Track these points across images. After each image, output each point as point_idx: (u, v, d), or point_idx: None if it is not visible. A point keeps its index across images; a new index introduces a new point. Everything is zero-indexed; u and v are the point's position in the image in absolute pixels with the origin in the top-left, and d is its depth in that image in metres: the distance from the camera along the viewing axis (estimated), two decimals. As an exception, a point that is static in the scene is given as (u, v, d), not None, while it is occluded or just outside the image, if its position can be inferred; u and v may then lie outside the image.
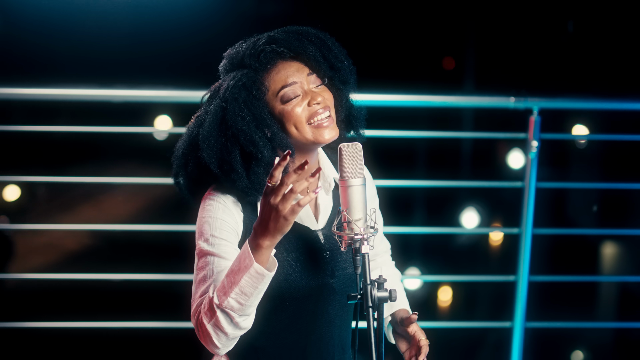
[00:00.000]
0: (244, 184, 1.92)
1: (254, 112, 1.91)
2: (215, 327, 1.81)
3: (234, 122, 1.90)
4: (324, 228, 2.03)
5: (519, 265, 3.55)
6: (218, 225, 1.93)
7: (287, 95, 1.92)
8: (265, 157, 1.91)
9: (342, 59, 2.00)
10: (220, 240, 1.92)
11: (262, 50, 1.93)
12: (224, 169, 1.92)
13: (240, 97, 1.91)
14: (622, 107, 3.93)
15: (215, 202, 1.95)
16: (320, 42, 1.97)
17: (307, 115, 1.93)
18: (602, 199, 7.04)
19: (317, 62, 1.95)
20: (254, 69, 1.93)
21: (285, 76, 1.93)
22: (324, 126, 1.93)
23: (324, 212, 2.04)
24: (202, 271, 1.91)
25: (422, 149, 7.52)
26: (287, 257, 1.96)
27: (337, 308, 2.03)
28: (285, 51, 1.93)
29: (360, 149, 1.84)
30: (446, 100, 3.89)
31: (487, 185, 3.96)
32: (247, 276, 1.77)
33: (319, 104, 1.93)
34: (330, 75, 1.99)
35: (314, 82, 1.96)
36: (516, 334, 3.59)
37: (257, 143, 1.90)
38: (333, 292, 2.01)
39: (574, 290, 6.02)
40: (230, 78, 1.94)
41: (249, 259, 1.77)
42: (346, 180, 1.82)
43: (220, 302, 1.79)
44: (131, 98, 3.54)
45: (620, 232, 6.12)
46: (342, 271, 2.02)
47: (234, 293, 1.77)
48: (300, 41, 1.95)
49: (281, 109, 1.93)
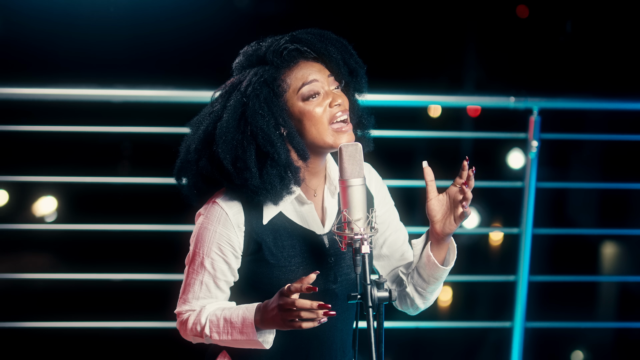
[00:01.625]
0: (255, 184, 1.91)
1: (274, 110, 1.91)
2: (197, 339, 2.01)
3: (253, 119, 1.90)
4: (329, 232, 2.02)
5: (519, 265, 3.55)
6: (216, 239, 1.95)
7: (308, 93, 1.92)
8: (281, 159, 1.91)
9: (361, 64, 2.02)
10: (215, 255, 1.95)
11: (285, 47, 1.93)
12: (237, 167, 1.91)
13: (261, 94, 1.91)
14: (622, 107, 3.93)
15: (218, 213, 1.95)
16: (342, 47, 1.99)
17: (329, 117, 1.93)
18: (602, 199, 7.04)
19: (337, 65, 1.97)
20: (275, 66, 1.93)
21: (307, 74, 1.93)
22: (343, 130, 1.93)
23: (330, 216, 2.03)
24: (192, 277, 1.98)
25: (422, 149, 7.52)
26: (289, 262, 1.96)
27: (339, 313, 2.02)
28: (308, 51, 1.95)
29: (360, 149, 1.84)
30: (446, 100, 3.89)
31: (487, 185, 3.95)
32: (244, 341, 1.91)
33: (339, 106, 1.93)
34: (347, 80, 2.00)
35: (333, 84, 1.96)
36: (516, 334, 3.59)
37: (275, 143, 1.90)
38: (335, 297, 2.01)
39: (574, 290, 6.02)
40: (252, 74, 1.94)
41: (252, 332, 1.89)
42: (346, 180, 1.82)
43: (210, 335, 1.94)
44: (131, 98, 3.54)
45: (620, 232, 6.12)
46: (345, 277, 2.02)
47: (227, 342, 1.94)
48: (324, 43, 1.96)
49: (301, 107, 1.93)
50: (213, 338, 1.93)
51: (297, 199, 1.99)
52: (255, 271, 1.97)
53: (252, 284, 1.98)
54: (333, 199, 2.05)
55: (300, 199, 1.99)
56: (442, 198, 1.96)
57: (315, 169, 2.00)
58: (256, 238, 1.95)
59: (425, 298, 2.06)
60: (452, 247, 2.01)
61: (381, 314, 1.80)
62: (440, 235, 1.96)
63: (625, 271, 6.77)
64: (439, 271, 1.99)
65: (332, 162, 2.06)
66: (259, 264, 1.96)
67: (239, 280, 2.00)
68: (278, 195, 1.93)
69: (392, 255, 2.13)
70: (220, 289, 1.97)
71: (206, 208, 1.97)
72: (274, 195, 1.93)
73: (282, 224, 1.97)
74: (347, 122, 1.94)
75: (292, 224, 1.98)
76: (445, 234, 1.96)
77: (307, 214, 2.00)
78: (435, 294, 2.08)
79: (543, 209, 3.88)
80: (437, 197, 1.96)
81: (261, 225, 1.95)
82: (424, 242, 2.02)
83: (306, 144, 1.94)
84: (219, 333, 1.92)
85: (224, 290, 1.98)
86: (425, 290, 2.04)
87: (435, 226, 1.96)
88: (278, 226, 1.97)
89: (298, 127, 1.93)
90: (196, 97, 3.42)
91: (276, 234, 1.96)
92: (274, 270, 1.95)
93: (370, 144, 2.08)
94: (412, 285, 2.05)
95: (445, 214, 1.95)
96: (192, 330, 1.95)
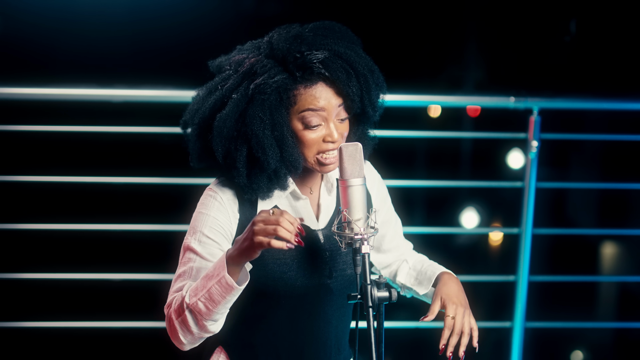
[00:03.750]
0: (242, 182, 1.91)
1: (276, 118, 1.88)
2: (183, 324, 1.84)
3: (251, 122, 1.87)
4: (324, 228, 2.03)
5: (519, 265, 3.56)
6: (209, 223, 1.93)
7: (308, 120, 1.88)
8: (270, 167, 1.89)
9: (376, 106, 1.98)
10: (208, 240, 1.93)
11: (311, 67, 1.86)
12: (227, 162, 1.91)
13: (267, 100, 1.86)
14: (622, 107, 3.93)
15: (212, 199, 1.95)
16: (365, 83, 1.92)
17: (318, 149, 1.91)
18: (602, 199, 7.04)
19: (352, 102, 1.92)
20: (293, 78, 1.87)
21: (317, 99, 1.88)
22: (327, 163, 1.92)
23: (326, 212, 2.04)
24: (183, 266, 1.93)
25: (422, 149, 7.52)
26: (283, 255, 1.96)
27: (334, 308, 2.03)
28: (330, 78, 1.88)
29: (361, 149, 1.84)
30: (446, 100, 3.89)
31: (487, 185, 3.96)
32: (217, 284, 1.78)
33: (333, 144, 1.91)
34: (357, 114, 1.98)
35: (341, 114, 1.92)
36: (516, 334, 3.59)
37: (267, 151, 1.88)
38: (330, 292, 2.01)
39: (574, 290, 6.02)
40: (268, 76, 1.87)
41: (221, 268, 1.78)
42: (346, 180, 1.82)
43: (190, 302, 1.81)
44: (131, 98, 3.54)
45: (620, 232, 6.13)
46: (340, 272, 2.02)
47: (203, 297, 1.80)
48: (349, 76, 1.89)
49: (297, 127, 1.90)
50: (191, 304, 1.81)
51: (292, 194, 2.00)
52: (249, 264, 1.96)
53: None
54: (329, 196, 2.05)
55: (295, 194, 1.99)
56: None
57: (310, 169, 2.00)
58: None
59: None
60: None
61: (381, 313, 1.80)
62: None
63: (625, 271, 6.77)
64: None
65: None
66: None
67: (233, 274, 1.99)
68: (265, 194, 1.94)
69: (390, 250, 2.19)
70: None
71: (203, 195, 1.98)
72: (262, 194, 1.94)
73: None
74: (336, 156, 1.90)
75: None
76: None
77: (302, 209, 2.00)
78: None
79: (543, 209, 3.88)
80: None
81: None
82: (432, 283, 2.11)
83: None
84: (196, 293, 1.81)
85: None
86: (419, 297, 2.16)
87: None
88: None
89: (292, 139, 1.92)
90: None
91: None
92: (268, 263, 1.95)
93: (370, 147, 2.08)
94: (407, 292, 2.19)
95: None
96: (176, 311, 1.84)
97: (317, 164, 1.93)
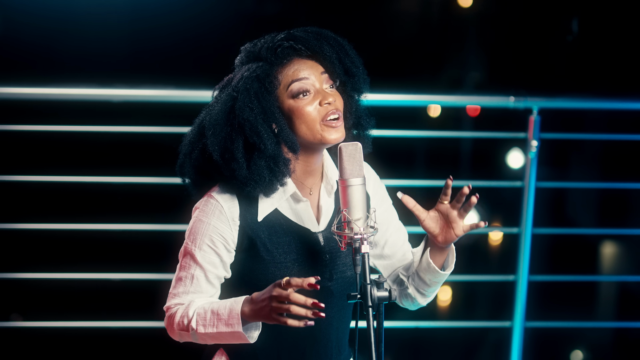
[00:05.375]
0: (243, 174, 1.91)
1: (264, 104, 1.92)
2: (184, 336, 1.97)
3: (241, 112, 1.91)
4: (324, 230, 2.02)
5: (519, 265, 3.55)
6: (209, 231, 1.95)
7: (297, 90, 1.93)
8: (268, 150, 1.91)
9: (357, 64, 2.02)
10: (208, 249, 1.95)
11: (280, 45, 1.94)
12: (225, 157, 1.92)
13: (252, 89, 1.92)
14: (622, 107, 3.93)
15: (213, 206, 1.96)
16: (338, 45, 1.99)
17: (319, 115, 1.93)
18: (602, 199, 7.04)
19: (332, 64, 1.96)
20: (269, 63, 1.94)
21: (298, 71, 1.94)
22: (332, 126, 1.93)
23: (326, 214, 2.04)
24: (183, 271, 1.97)
25: (421, 148, 7.52)
26: (284, 259, 1.97)
27: (334, 310, 2.03)
28: (303, 49, 1.95)
29: (360, 149, 1.84)
30: (446, 99, 3.89)
31: (487, 185, 3.96)
32: (230, 335, 1.88)
33: (330, 104, 1.93)
34: (343, 79, 2.00)
35: (327, 82, 1.96)
36: (516, 333, 3.59)
37: (262, 134, 1.90)
38: (331, 294, 2.01)
39: (574, 290, 6.02)
40: (245, 69, 1.95)
41: (236, 323, 1.86)
42: (346, 180, 1.82)
43: (197, 329, 1.91)
44: (131, 98, 3.54)
45: (620, 232, 6.12)
46: (340, 274, 2.02)
47: (212, 335, 1.90)
48: (319, 41, 1.96)
49: (291, 104, 1.94)
50: (199, 331, 1.90)
51: (292, 197, 1.99)
52: (249, 267, 1.97)
53: (247, 280, 1.98)
54: (329, 198, 2.05)
55: (295, 197, 1.99)
56: (433, 215, 1.97)
57: (310, 167, 2.00)
58: (250, 234, 1.95)
59: (426, 297, 2.10)
60: (451, 251, 2.04)
61: (381, 313, 1.80)
62: (443, 245, 1.99)
63: (625, 271, 6.77)
64: (440, 276, 2.03)
65: (330, 162, 2.07)
66: (254, 260, 1.96)
67: (233, 277, 2.00)
68: (268, 186, 1.94)
69: (394, 254, 2.13)
70: (211, 284, 1.97)
71: (202, 201, 1.98)
72: (264, 186, 1.93)
73: (277, 221, 1.98)
74: (339, 119, 1.94)
75: (288, 220, 1.99)
76: (448, 243, 1.98)
77: (302, 212, 2.00)
78: (436, 291, 2.12)
79: (543, 208, 3.87)
80: (428, 216, 1.97)
81: (256, 221, 1.96)
82: (423, 248, 2.04)
83: (298, 141, 1.95)
84: (204, 326, 1.89)
85: (214, 285, 1.98)
86: (426, 290, 2.07)
87: (437, 239, 1.98)
88: (273, 222, 1.98)
89: (289, 124, 1.94)
90: (196, 96, 3.42)
91: (271, 230, 1.97)
92: (269, 266, 1.95)
93: (369, 144, 2.07)
94: (413, 286, 2.08)
95: (442, 227, 1.97)
96: (179, 324, 1.93)
97: (323, 131, 1.93)
